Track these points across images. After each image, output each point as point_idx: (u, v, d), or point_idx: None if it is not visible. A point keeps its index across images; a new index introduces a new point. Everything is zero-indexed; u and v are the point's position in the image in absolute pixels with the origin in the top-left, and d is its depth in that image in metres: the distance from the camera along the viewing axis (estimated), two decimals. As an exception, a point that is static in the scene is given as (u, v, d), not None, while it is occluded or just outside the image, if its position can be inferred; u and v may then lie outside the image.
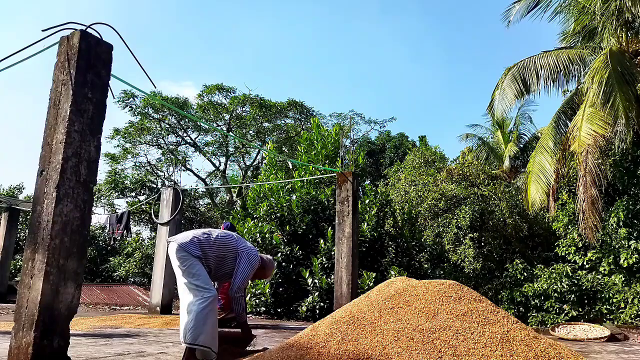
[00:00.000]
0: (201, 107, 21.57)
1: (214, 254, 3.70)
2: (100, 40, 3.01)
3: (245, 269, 3.75)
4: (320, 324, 2.84)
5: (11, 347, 2.63)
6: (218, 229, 4.11)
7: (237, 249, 3.82)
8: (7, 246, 12.02)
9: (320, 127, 10.98)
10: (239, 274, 3.73)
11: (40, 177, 2.82)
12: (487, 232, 12.65)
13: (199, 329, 3.24)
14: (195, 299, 3.35)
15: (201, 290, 3.38)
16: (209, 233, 3.78)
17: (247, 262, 3.78)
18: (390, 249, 10.25)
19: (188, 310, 3.33)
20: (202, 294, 3.36)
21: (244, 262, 3.77)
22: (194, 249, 3.55)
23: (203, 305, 3.31)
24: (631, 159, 9.39)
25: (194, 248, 3.55)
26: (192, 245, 3.56)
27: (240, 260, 3.77)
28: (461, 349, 2.42)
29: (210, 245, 3.68)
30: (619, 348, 5.44)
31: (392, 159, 25.38)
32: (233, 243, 3.84)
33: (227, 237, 3.86)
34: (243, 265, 3.76)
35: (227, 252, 3.78)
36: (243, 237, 5.25)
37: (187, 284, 3.43)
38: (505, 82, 10.68)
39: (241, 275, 3.72)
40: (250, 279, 4.01)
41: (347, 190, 6.65)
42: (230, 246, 3.80)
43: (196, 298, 3.35)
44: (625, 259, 8.83)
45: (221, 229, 5.40)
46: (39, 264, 2.64)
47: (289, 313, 8.87)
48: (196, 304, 3.32)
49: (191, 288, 3.40)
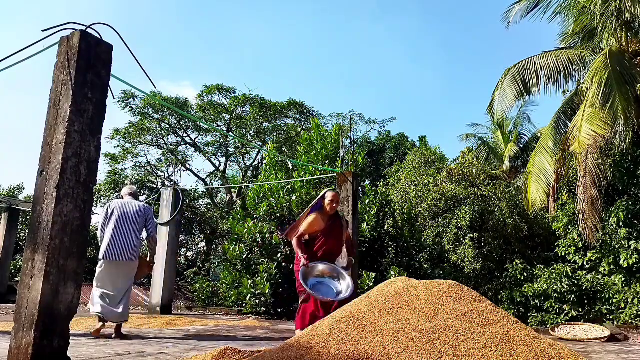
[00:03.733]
0: (201, 107, 21.56)
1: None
2: (100, 41, 3.01)
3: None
4: (320, 324, 2.84)
5: (11, 347, 2.63)
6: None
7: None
8: (7, 246, 12.03)
9: (320, 127, 10.98)
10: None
11: (40, 177, 2.82)
12: (487, 232, 12.65)
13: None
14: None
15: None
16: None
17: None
18: (390, 249, 10.25)
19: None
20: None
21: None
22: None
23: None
24: (631, 159, 9.39)
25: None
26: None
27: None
28: (461, 349, 2.42)
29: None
30: (619, 348, 5.44)
31: (392, 159, 25.38)
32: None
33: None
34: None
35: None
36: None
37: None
38: (505, 83, 10.68)
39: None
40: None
41: (347, 190, 6.65)
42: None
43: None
44: (625, 259, 8.83)
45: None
46: (39, 264, 2.64)
47: (289, 313, 8.87)
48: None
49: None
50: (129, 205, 5.18)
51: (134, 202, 5.27)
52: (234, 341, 4.95)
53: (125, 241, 5.01)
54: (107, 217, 5.11)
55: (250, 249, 9.51)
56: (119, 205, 5.17)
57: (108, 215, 5.12)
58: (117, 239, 4.99)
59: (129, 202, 5.22)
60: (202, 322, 7.22)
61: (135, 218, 5.12)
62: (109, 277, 5.01)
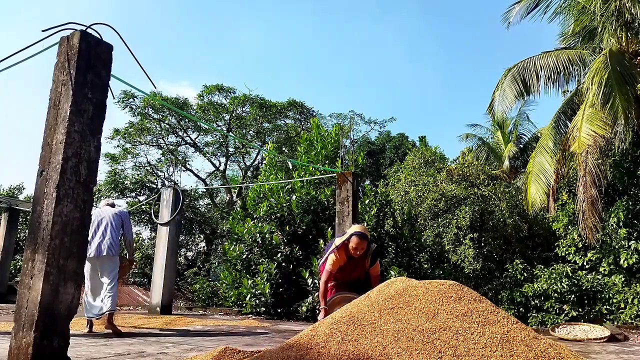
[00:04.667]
0: (201, 107, 21.56)
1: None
2: (100, 41, 3.01)
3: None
4: (320, 324, 2.84)
5: (11, 347, 2.63)
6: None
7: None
8: (7, 246, 12.03)
9: (320, 128, 10.97)
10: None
11: (40, 177, 2.82)
12: (487, 232, 12.65)
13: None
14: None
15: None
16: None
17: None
18: (390, 249, 10.25)
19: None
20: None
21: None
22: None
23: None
24: (631, 159, 9.39)
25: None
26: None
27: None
28: (461, 349, 2.42)
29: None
30: (619, 348, 5.44)
31: (392, 159, 25.39)
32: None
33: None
34: None
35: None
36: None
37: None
38: (505, 83, 10.68)
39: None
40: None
41: (347, 190, 6.65)
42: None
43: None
44: (625, 259, 8.83)
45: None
46: (39, 264, 2.64)
47: (289, 313, 8.87)
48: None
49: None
50: (106, 211, 5.81)
51: (110, 209, 5.91)
52: (234, 341, 4.95)
53: (104, 239, 5.55)
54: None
55: (250, 249, 9.51)
56: (96, 212, 5.79)
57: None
58: (96, 238, 5.54)
59: (106, 209, 5.88)
60: (202, 322, 7.22)
61: (111, 219, 5.71)
62: (93, 273, 5.56)
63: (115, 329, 5.33)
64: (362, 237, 4.21)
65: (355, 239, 4.20)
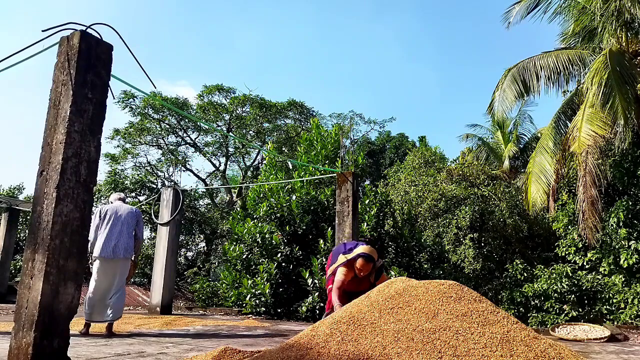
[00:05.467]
0: (201, 107, 21.57)
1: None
2: (100, 41, 3.01)
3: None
4: (320, 325, 2.84)
5: (11, 347, 2.63)
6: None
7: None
8: (7, 246, 12.02)
9: (320, 128, 10.98)
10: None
11: (40, 177, 2.82)
12: (487, 232, 12.66)
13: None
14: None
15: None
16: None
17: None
18: (390, 249, 10.25)
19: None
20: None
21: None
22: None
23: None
24: (631, 159, 9.39)
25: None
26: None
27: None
28: (461, 349, 2.42)
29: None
30: (619, 348, 5.44)
31: (392, 159, 25.39)
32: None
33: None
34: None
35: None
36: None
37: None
38: (505, 83, 10.68)
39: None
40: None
41: (347, 190, 6.65)
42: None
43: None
44: (625, 259, 8.83)
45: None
46: (39, 264, 2.64)
47: (289, 313, 8.87)
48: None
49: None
50: (121, 208, 5.46)
51: (125, 205, 5.57)
52: (234, 341, 4.95)
53: (120, 239, 5.26)
54: (100, 219, 5.35)
55: (250, 249, 9.51)
56: (111, 207, 5.44)
57: (101, 217, 5.35)
58: (112, 238, 5.23)
59: (120, 205, 5.51)
60: (202, 322, 7.21)
61: (128, 218, 5.40)
62: (105, 276, 5.21)
63: (113, 334, 5.11)
64: (367, 260, 4.20)
65: (361, 261, 4.19)
